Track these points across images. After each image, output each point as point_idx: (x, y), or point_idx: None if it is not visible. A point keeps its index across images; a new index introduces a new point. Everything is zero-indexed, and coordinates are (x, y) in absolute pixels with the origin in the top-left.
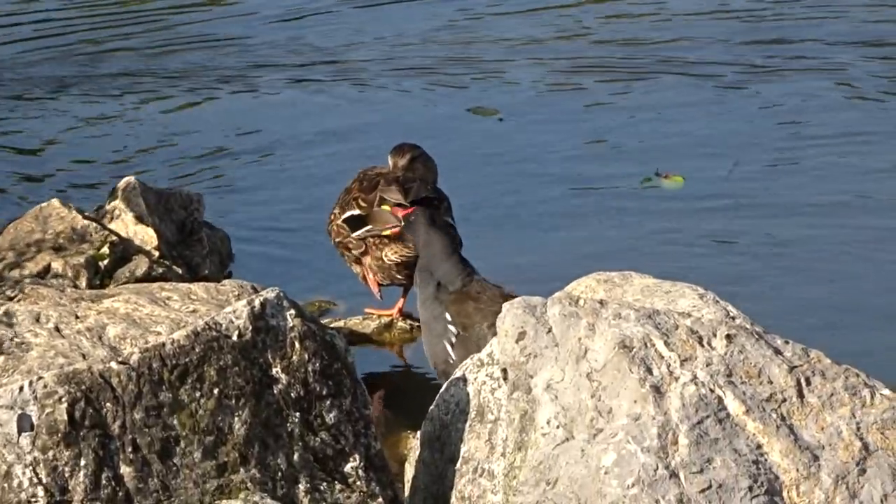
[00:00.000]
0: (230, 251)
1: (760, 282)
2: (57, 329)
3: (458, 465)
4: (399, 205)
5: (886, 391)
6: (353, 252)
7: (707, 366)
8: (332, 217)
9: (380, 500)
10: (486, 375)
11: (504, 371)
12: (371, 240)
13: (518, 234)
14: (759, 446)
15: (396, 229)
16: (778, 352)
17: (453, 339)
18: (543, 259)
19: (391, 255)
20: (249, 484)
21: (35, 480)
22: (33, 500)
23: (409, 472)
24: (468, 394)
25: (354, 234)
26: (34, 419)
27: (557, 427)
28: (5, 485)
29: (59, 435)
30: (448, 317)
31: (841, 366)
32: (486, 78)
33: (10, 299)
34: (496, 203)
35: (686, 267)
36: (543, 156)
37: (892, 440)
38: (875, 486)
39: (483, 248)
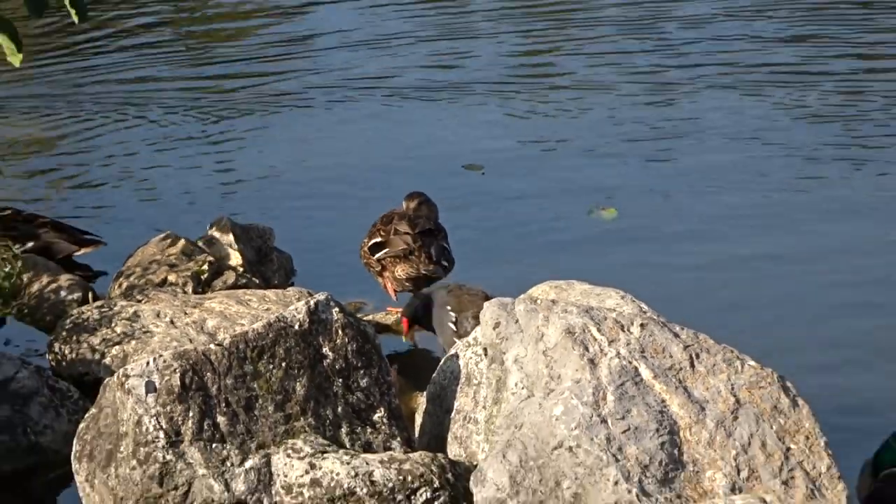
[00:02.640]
0: (293, 267)
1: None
2: (172, 322)
3: (453, 415)
4: (407, 233)
5: (752, 362)
6: (374, 269)
7: (627, 345)
8: (362, 244)
9: (398, 439)
10: (472, 353)
11: (485, 350)
12: (389, 260)
13: (500, 257)
14: (663, 401)
15: (408, 308)
16: (676, 335)
17: (454, 319)
18: (516, 277)
19: (400, 272)
20: (307, 429)
21: (157, 426)
22: (156, 440)
23: (419, 420)
24: (460, 366)
25: (374, 257)
26: (157, 384)
27: (522, 388)
28: (137, 429)
29: (174, 395)
30: (449, 308)
31: (720, 344)
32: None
33: (139, 302)
34: (480, 236)
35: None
36: (518, 200)
37: (756, 396)
38: (744, 428)
39: (471, 268)
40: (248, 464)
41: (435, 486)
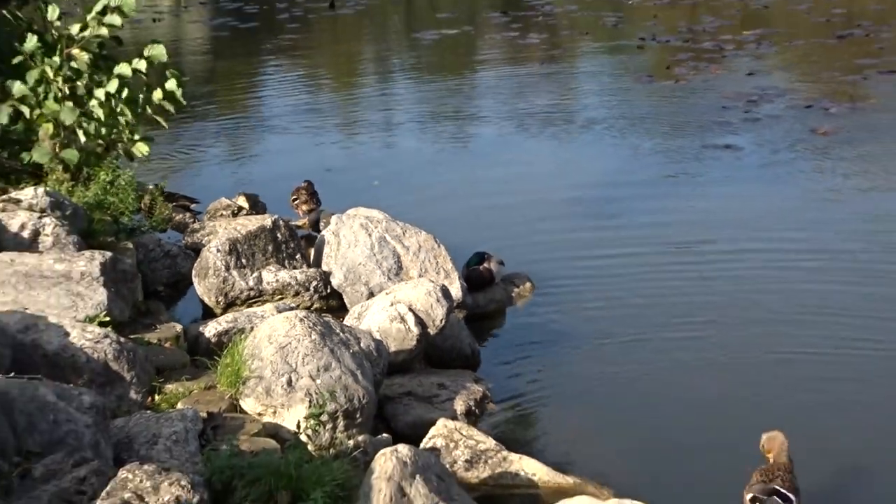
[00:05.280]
0: (265, 207)
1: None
2: (225, 228)
3: (323, 254)
4: (304, 192)
5: (425, 232)
6: (294, 207)
7: (381, 228)
8: (290, 198)
9: (305, 265)
10: (329, 233)
11: (333, 233)
12: (299, 203)
13: (337, 201)
14: (395, 248)
15: (307, 219)
16: (398, 224)
17: (323, 222)
18: (343, 207)
19: (304, 207)
20: (273, 262)
21: (221, 264)
22: (220, 269)
23: (312, 257)
24: (325, 237)
25: (293, 202)
26: (220, 249)
27: (346, 245)
28: (214, 265)
29: (226, 252)
30: (320, 218)
31: (415, 227)
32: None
33: (214, 221)
34: (336, 194)
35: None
36: (340, 179)
37: (426, 243)
38: (424, 255)
39: (327, 205)
40: (253, 275)
41: (318, 280)
